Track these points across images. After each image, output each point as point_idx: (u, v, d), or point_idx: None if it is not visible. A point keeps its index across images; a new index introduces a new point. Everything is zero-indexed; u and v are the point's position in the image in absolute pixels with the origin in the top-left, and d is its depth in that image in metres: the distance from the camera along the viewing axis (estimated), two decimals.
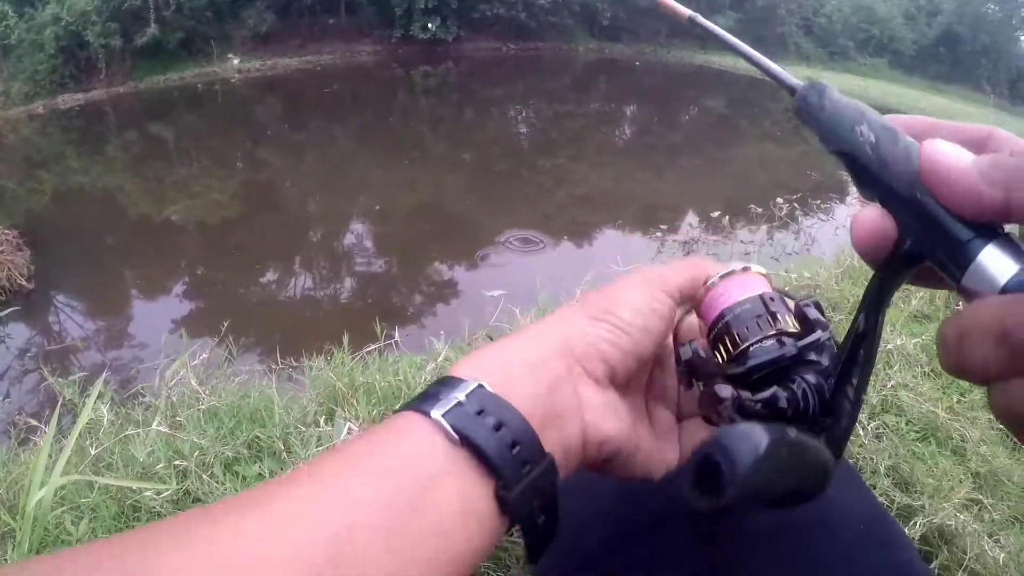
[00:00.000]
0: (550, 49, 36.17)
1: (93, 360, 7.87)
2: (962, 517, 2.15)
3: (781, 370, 0.63)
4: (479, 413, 0.54)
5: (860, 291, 2.75)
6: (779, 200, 11.78)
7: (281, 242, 11.46)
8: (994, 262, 0.44)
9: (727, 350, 0.67)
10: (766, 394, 0.61)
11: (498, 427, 0.53)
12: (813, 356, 0.64)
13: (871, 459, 2.34)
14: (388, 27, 32.24)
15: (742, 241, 10.40)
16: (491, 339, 3.31)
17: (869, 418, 2.55)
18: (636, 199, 14.24)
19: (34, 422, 2.93)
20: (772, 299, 0.68)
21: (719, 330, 0.69)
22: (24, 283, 9.17)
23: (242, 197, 14.12)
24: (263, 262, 10.51)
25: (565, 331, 0.65)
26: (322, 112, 22.09)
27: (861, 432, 2.44)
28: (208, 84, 25.88)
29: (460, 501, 0.51)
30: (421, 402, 0.55)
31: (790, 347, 0.64)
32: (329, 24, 30.97)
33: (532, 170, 16.09)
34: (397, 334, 3.60)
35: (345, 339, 3.27)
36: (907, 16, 47.85)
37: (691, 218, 12.70)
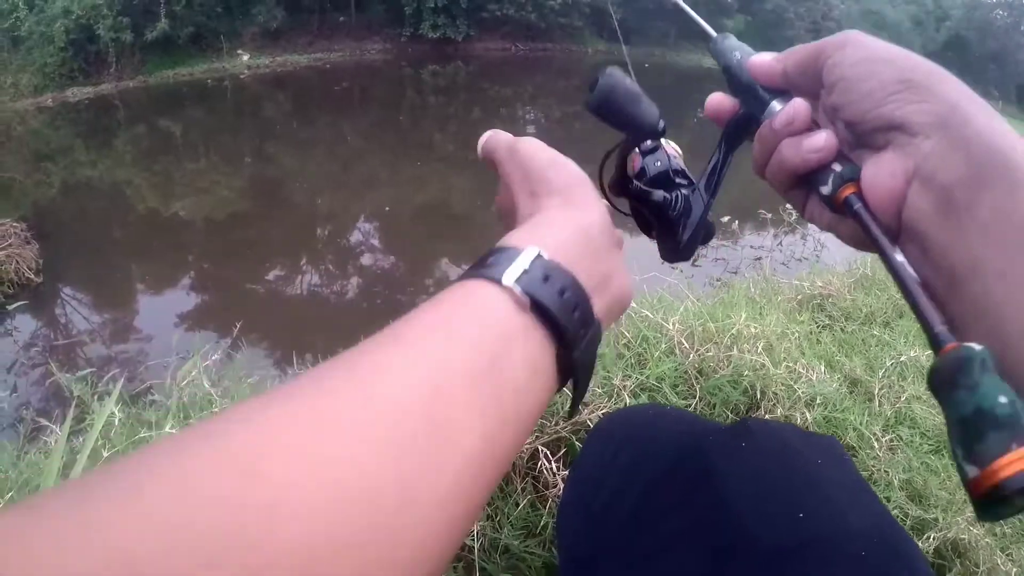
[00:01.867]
0: (559, 50, 36.20)
1: (100, 354, 7.88)
2: (975, 531, 2.15)
3: (667, 181, 0.94)
4: (545, 279, 0.57)
5: (872, 302, 2.78)
6: (788, 205, 11.75)
7: (289, 239, 11.46)
8: (776, 105, 0.75)
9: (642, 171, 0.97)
10: (653, 192, 0.91)
11: (562, 292, 0.57)
12: (684, 180, 0.95)
13: (885, 472, 2.33)
14: (398, 25, 32.27)
15: (751, 247, 10.38)
16: None
17: (883, 431, 2.55)
18: None
19: (44, 421, 2.91)
20: (671, 155, 0.97)
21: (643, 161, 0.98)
22: (32, 276, 9.17)
23: (250, 193, 14.14)
24: (271, 259, 10.51)
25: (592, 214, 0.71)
26: (331, 110, 22.07)
27: (875, 444, 2.44)
28: (217, 80, 25.92)
29: (531, 362, 0.54)
30: (486, 268, 0.57)
31: (682, 169, 0.95)
32: (339, 22, 31.01)
33: None
34: None
35: (361, 339, 3.26)
36: (915, 21, 47.92)
37: None
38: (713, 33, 0.98)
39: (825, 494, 0.95)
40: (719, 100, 0.85)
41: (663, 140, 1.02)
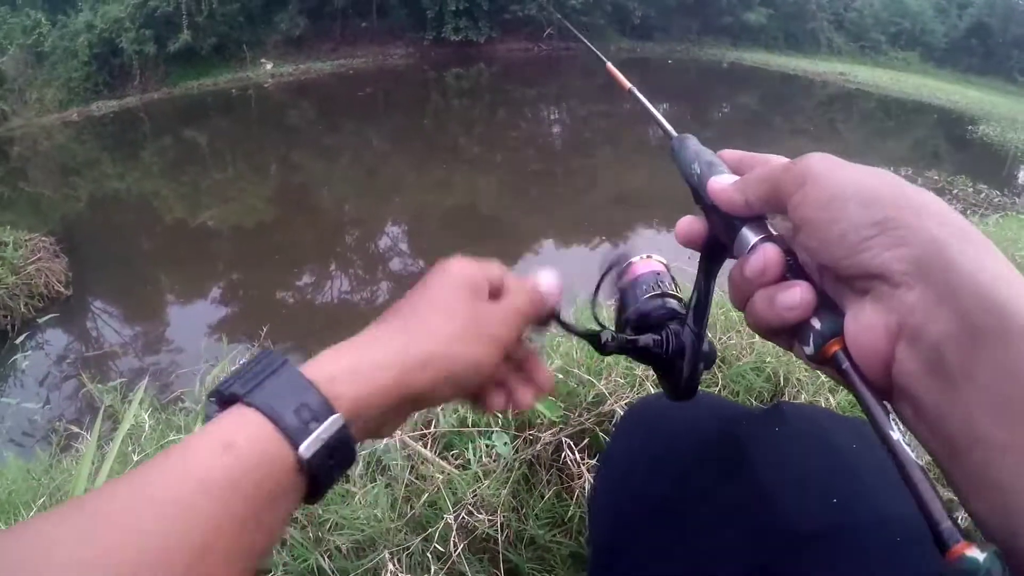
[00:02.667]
0: (582, 49, 36.13)
1: (131, 365, 7.92)
2: None
3: (656, 321, 0.93)
4: (331, 455, 0.60)
5: None
6: None
7: (317, 246, 11.50)
8: (747, 234, 0.68)
9: (626, 304, 0.98)
10: (639, 339, 0.90)
11: (334, 457, 0.61)
12: (675, 301, 0.95)
13: None
14: (420, 29, 32.36)
15: None
16: (530, 340, 3.26)
17: None
18: (671, 198, 14.08)
19: (75, 428, 2.92)
20: (659, 273, 0.99)
21: (624, 291, 0.99)
22: (62, 289, 9.27)
23: (277, 201, 14.19)
24: (299, 266, 10.54)
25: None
26: (355, 115, 22.16)
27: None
28: (242, 89, 26.06)
29: (286, 510, 0.59)
30: (283, 413, 0.58)
31: (663, 307, 0.95)
32: (361, 27, 31.13)
33: (566, 170, 16.08)
34: None
35: None
36: (938, 9, 47.64)
37: None
38: (673, 132, 0.94)
39: (860, 479, 0.96)
40: (689, 225, 0.79)
41: (649, 257, 1.04)
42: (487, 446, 2.15)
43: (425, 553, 1.73)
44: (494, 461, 2.09)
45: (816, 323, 0.61)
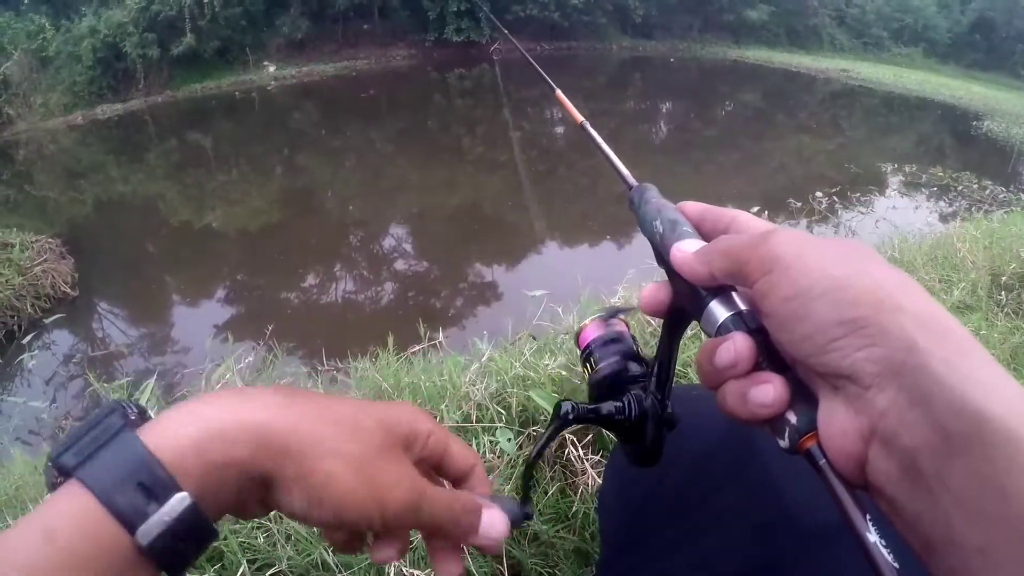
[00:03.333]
0: (584, 48, 36.21)
1: (137, 365, 7.94)
2: None
3: (620, 383, 0.92)
4: (174, 537, 0.54)
5: None
6: (818, 194, 11.74)
7: (321, 246, 11.50)
8: (715, 310, 0.66)
9: (592, 366, 0.97)
10: (600, 407, 0.88)
11: (182, 541, 0.54)
12: (640, 374, 0.92)
13: None
14: (422, 31, 32.39)
15: None
16: (534, 339, 3.29)
17: None
18: (674, 195, 14.01)
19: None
20: (620, 336, 0.97)
21: (586, 354, 0.99)
22: (68, 290, 9.30)
23: (281, 203, 14.20)
24: (304, 267, 10.55)
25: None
26: (359, 117, 22.12)
27: None
28: (245, 92, 26.09)
29: None
30: (120, 500, 0.52)
31: (622, 366, 0.94)
32: (363, 29, 31.11)
33: (570, 169, 16.07)
34: (441, 335, 3.58)
35: (390, 340, 3.25)
36: (940, 4, 47.48)
37: None
38: (631, 181, 0.93)
39: None
40: (654, 294, 0.78)
41: (613, 319, 1.03)
42: (491, 442, 2.16)
43: None
44: (498, 457, 2.11)
45: (791, 417, 0.59)
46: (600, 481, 1.97)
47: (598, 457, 2.08)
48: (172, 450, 0.55)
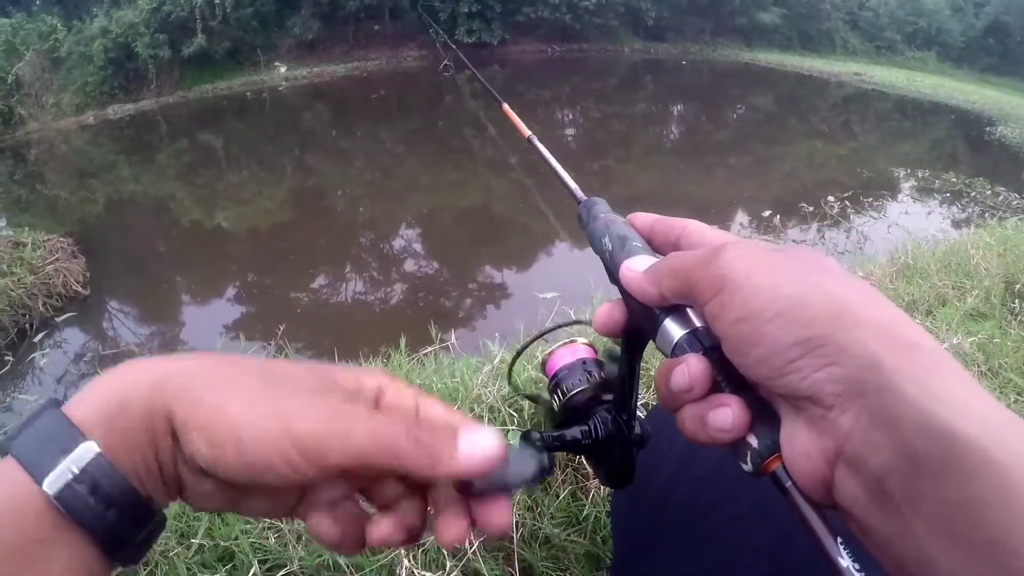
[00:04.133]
0: (596, 50, 36.12)
1: None
2: None
3: (586, 407, 0.94)
4: (93, 491, 0.52)
5: (914, 290, 2.76)
6: (830, 198, 11.73)
7: (332, 247, 11.53)
8: (670, 329, 0.64)
9: (561, 396, 1.00)
10: (565, 433, 0.88)
11: (108, 504, 0.52)
12: (606, 396, 0.94)
13: None
14: (433, 32, 32.31)
15: (793, 240, 10.33)
16: (546, 341, 3.28)
17: None
18: (685, 199, 14.16)
19: None
20: (586, 361, 1.03)
21: (555, 382, 1.03)
22: (80, 289, 9.32)
23: (292, 203, 14.22)
24: (315, 267, 10.57)
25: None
26: (369, 118, 22.17)
27: None
28: (256, 92, 26.11)
29: (67, 568, 0.52)
30: (25, 449, 0.53)
31: (589, 392, 0.97)
32: (374, 30, 31.12)
33: (580, 172, 16.02)
34: (452, 336, 3.58)
35: (402, 341, 3.25)
36: (954, 8, 47.29)
37: (742, 217, 12.65)
38: (579, 195, 0.94)
39: None
40: (608, 314, 0.75)
41: (573, 342, 1.08)
42: None
43: (440, 550, 1.74)
44: None
45: (753, 440, 0.57)
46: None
47: None
48: (79, 407, 0.54)
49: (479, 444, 0.58)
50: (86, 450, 0.52)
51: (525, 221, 12.19)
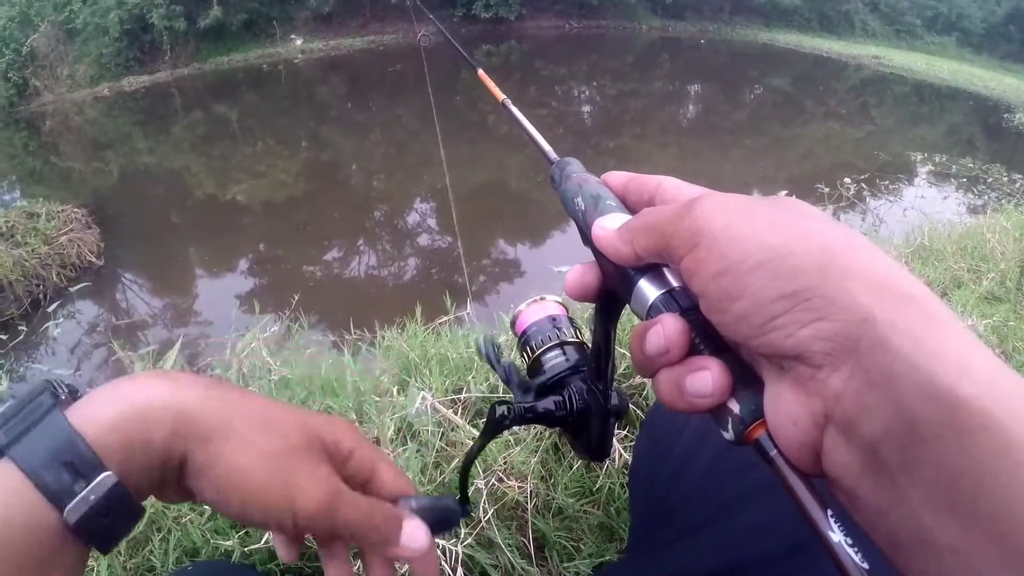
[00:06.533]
0: (613, 27, 36.06)
1: (161, 336, 8.00)
2: None
3: (560, 376, 0.91)
4: (105, 515, 0.57)
5: (929, 272, 2.73)
6: (846, 180, 11.69)
7: (347, 220, 11.56)
8: (644, 290, 0.61)
9: (529, 354, 0.98)
10: (537, 405, 0.87)
11: (109, 515, 0.57)
12: (582, 364, 0.92)
13: None
14: (450, 6, 32.29)
15: None
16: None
17: None
18: (701, 178, 13.76)
19: None
20: (556, 318, 0.99)
21: (523, 341, 1.00)
22: (94, 259, 9.38)
23: (307, 176, 14.25)
24: (329, 240, 10.60)
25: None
26: (385, 91, 22.17)
27: None
28: (272, 65, 26.16)
29: (70, 571, 0.57)
30: (49, 479, 0.55)
31: (562, 362, 0.94)
32: (391, 4, 31.05)
33: (596, 149, 16.06)
34: (468, 307, 3.58)
35: (418, 310, 3.26)
36: None
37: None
38: (552, 155, 0.86)
39: None
40: (580, 276, 0.71)
41: (543, 299, 1.05)
42: None
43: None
44: (524, 429, 2.10)
45: (734, 406, 0.53)
46: (626, 455, 1.97)
47: (624, 432, 2.07)
48: (96, 429, 0.57)
49: (415, 538, 0.75)
50: (105, 480, 0.56)
51: (540, 196, 12.18)
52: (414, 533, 0.74)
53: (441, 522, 0.79)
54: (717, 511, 1.00)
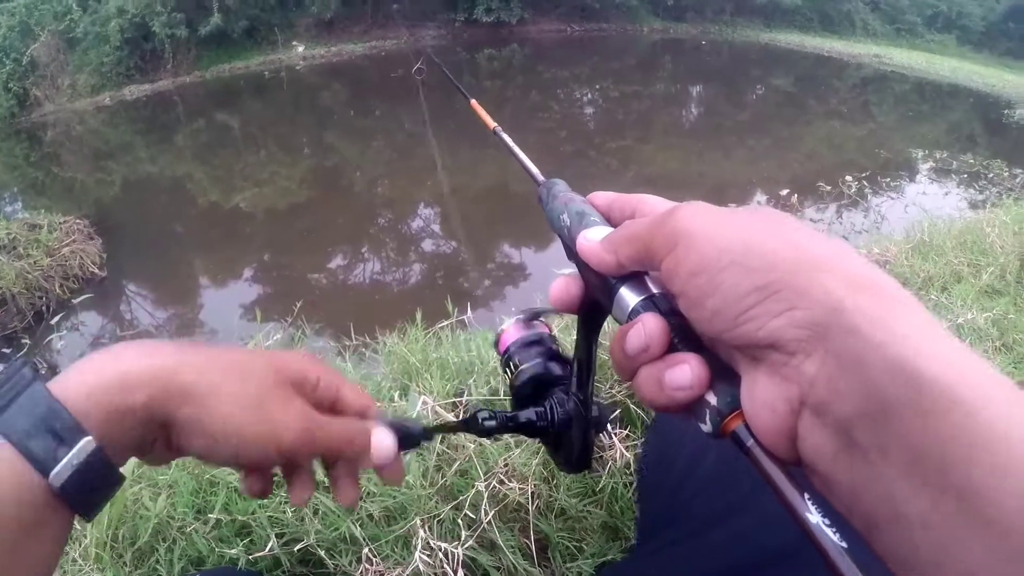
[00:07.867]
0: (615, 30, 36.01)
1: None
2: None
3: (542, 386, 0.94)
4: (86, 471, 0.59)
5: (930, 267, 2.74)
6: (848, 178, 11.71)
7: (350, 226, 11.58)
8: (625, 296, 0.63)
9: (512, 370, 1.01)
10: (519, 415, 0.90)
11: (92, 476, 0.60)
12: (562, 375, 0.95)
13: None
14: (451, 10, 32.32)
15: (811, 220, 10.33)
16: (560, 315, 3.29)
17: None
18: (704, 179, 14.17)
19: None
20: (540, 336, 1.02)
21: (506, 358, 1.03)
22: (96, 271, 9.39)
23: (310, 183, 14.30)
24: (333, 246, 10.63)
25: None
26: (387, 97, 22.18)
27: None
28: (274, 71, 26.18)
29: (55, 539, 0.61)
30: (34, 445, 0.58)
31: (543, 369, 0.97)
32: (392, 9, 31.07)
33: (599, 151, 16.08)
34: (469, 312, 3.58)
35: (418, 315, 3.26)
36: None
37: (760, 197, 12.64)
38: (539, 178, 0.91)
39: None
40: (564, 288, 0.74)
41: (535, 321, 1.08)
42: None
43: (456, 521, 1.73)
44: None
45: (712, 398, 0.55)
46: (629, 456, 1.97)
47: (627, 431, 2.07)
48: (75, 397, 0.60)
49: (383, 444, 0.81)
50: (86, 445, 0.59)
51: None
52: (382, 439, 0.81)
53: (405, 438, 0.84)
54: (724, 511, 1.02)
